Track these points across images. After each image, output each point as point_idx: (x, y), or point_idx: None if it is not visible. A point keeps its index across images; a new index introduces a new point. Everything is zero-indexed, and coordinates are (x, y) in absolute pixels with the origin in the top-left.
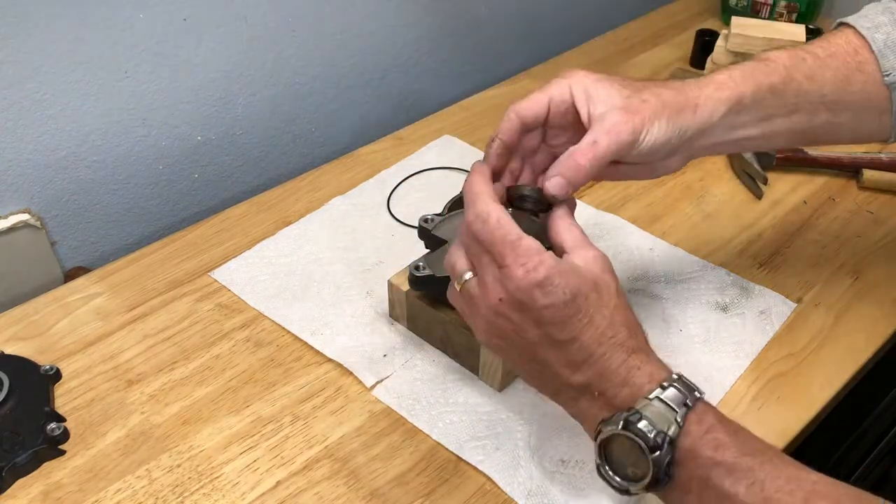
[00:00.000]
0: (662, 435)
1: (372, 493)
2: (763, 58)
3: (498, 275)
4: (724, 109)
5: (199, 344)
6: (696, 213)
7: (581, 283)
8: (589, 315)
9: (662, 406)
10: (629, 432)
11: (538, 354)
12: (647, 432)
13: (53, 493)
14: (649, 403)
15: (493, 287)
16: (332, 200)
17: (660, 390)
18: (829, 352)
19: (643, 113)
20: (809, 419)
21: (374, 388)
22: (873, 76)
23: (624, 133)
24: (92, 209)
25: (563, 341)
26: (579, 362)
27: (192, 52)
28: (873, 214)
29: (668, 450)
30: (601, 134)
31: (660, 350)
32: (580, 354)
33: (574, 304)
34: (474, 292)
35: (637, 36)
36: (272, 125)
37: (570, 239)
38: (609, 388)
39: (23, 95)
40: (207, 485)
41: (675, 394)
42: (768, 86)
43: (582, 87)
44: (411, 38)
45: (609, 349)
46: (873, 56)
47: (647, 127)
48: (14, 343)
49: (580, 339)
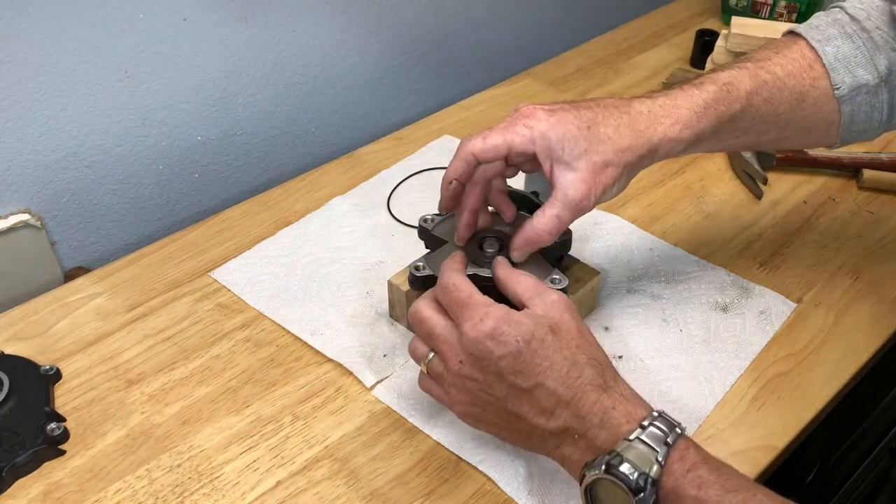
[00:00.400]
0: (644, 476)
1: (372, 493)
2: (726, 82)
3: (456, 337)
4: (681, 149)
5: (199, 344)
6: (696, 213)
7: (535, 328)
8: (549, 358)
9: (643, 446)
10: (611, 475)
11: (510, 408)
12: (628, 475)
13: (53, 493)
14: (630, 445)
15: (451, 352)
16: (332, 200)
17: (639, 430)
18: (829, 352)
19: (604, 179)
20: (809, 419)
21: (374, 388)
22: (825, 91)
23: (586, 206)
24: (92, 209)
25: (528, 389)
26: (550, 408)
27: (192, 52)
28: (873, 214)
29: (652, 491)
30: (563, 209)
31: (660, 350)
32: (549, 400)
33: (529, 349)
34: (439, 368)
35: (637, 36)
36: (272, 125)
37: (524, 290)
38: (588, 430)
39: (23, 95)
40: (207, 485)
41: (655, 433)
42: (728, 117)
43: (545, 143)
44: (411, 37)
45: (578, 391)
46: (825, 70)
47: (606, 189)
48: (14, 343)
49: (545, 385)
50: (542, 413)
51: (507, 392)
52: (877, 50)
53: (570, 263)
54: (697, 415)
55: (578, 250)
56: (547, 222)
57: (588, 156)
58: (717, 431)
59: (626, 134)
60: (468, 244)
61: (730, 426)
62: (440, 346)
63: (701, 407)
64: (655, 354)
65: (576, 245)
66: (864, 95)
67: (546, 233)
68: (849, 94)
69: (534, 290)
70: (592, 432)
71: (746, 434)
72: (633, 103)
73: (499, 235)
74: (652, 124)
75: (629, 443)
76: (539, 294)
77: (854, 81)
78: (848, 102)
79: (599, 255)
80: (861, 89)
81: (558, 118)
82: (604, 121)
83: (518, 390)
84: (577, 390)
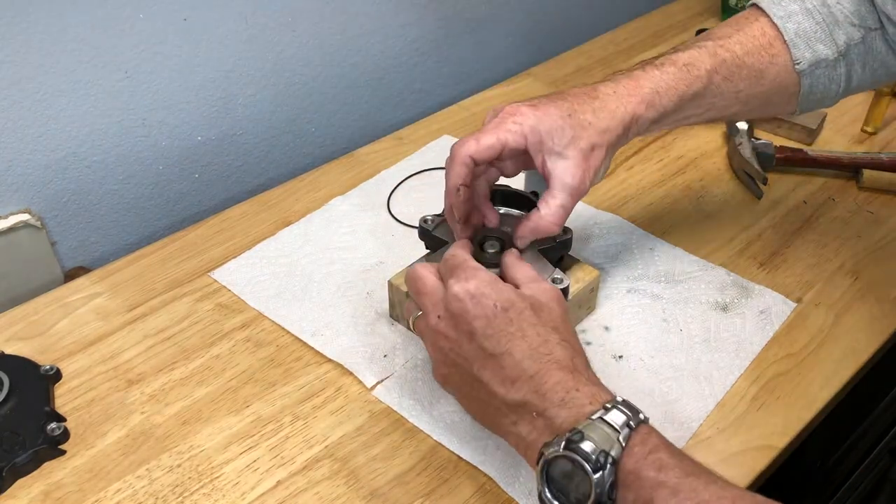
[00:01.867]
0: (605, 455)
1: (372, 493)
2: (686, 63)
3: (440, 295)
4: (647, 126)
5: (199, 344)
6: (696, 213)
7: (516, 300)
8: (521, 329)
9: (605, 426)
10: (571, 452)
11: (474, 372)
12: (589, 452)
13: (54, 493)
14: (591, 423)
15: (433, 308)
16: (332, 200)
17: (602, 411)
18: (829, 352)
19: (595, 162)
20: (809, 419)
21: (374, 389)
22: (785, 66)
23: (584, 190)
24: (92, 209)
25: (494, 354)
26: (514, 378)
27: (192, 52)
28: (873, 214)
29: (612, 470)
30: (566, 196)
31: (660, 350)
32: (514, 370)
33: (505, 316)
34: (422, 325)
35: (637, 36)
36: (272, 125)
37: (522, 275)
38: (548, 408)
39: (23, 95)
40: (207, 485)
41: (618, 415)
42: (691, 95)
43: (536, 137)
44: (411, 38)
45: (544, 366)
46: (785, 46)
47: (597, 172)
48: (14, 343)
49: (512, 354)
50: (504, 382)
51: (475, 354)
52: (836, 25)
53: (570, 263)
54: (697, 415)
55: (578, 250)
56: (553, 212)
57: (575, 143)
58: (717, 431)
59: (603, 116)
60: None
61: (730, 426)
62: (424, 301)
63: (701, 407)
64: (655, 354)
65: (576, 245)
66: (822, 69)
67: (552, 223)
68: (808, 68)
69: (531, 277)
70: (552, 410)
71: (746, 434)
72: (599, 87)
73: (499, 236)
74: (621, 104)
75: (591, 422)
76: (535, 280)
77: (814, 56)
78: (808, 76)
79: (599, 255)
80: (820, 63)
81: (543, 111)
82: (580, 108)
83: (485, 354)
84: (543, 366)
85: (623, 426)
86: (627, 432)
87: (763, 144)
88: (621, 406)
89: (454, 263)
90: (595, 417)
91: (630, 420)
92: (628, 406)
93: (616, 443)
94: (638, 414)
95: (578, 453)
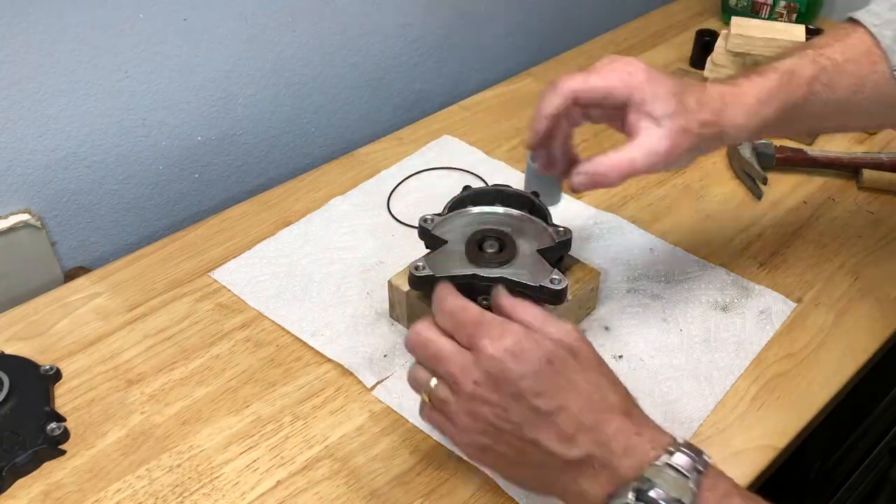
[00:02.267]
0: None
1: (372, 493)
2: (788, 70)
3: (469, 358)
4: (745, 136)
5: (199, 344)
6: (696, 213)
7: (555, 348)
8: (571, 380)
9: (674, 473)
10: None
11: (526, 435)
12: (661, 501)
13: (53, 493)
14: (659, 471)
15: (464, 374)
16: (332, 200)
17: (667, 456)
18: (829, 352)
19: (683, 144)
20: (809, 419)
21: (374, 389)
22: (884, 75)
23: (661, 163)
24: (92, 209)
25: (549, 412)
26: (572, 434)
27: (192, 52)
28: (873, 214)
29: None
30: (641, 155)
31: (660, 350)
32: (571, 425)
33: (551, 369)
34: (444, 395)
35: (637, 36)
36: (272, 125)
37: (534, 317)
38: (612, 459)
39: (23, 95)
40: (207, 485)
41: (684, 459)
42: (792, 104)
43: (640, 95)
44: (411, 38)
45: (601, 415)
46: (884, 53)
47: (681, 155)
48: (14, 343)
49: (567, 408)
50: (562, 440)
51: (525, 416)
52: None
53: (570, 263)
54: (697, 415)
55: (578, 250)
56: (620, 160)
57: (675, 118)
58: (717, 431)
59: (706, 111)
60: (468, 244)
61: (730, 426)
62: (450, 368)
63: (701, 407)
64: (655, 354)
65: (576, 245)
66: None
67: (614, 169)
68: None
69: (545, 316)
70: (616, 460)
71: (746, 434)
72: (708, 86)
73: (499, 236)
74: (724, 108)
75: (658, 469)
76: (551, 322)
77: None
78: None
79: (599, 255)
80: None
81: (655, 76)
82: (689, 93)
83: (537, 414)
84: (601, 415)
85: (691, 470)
86: (697, 477)
87: (763, 144)
88: (684, 448)
89: (472, 320)
90: (661, 463)
91: (696, 464)
92: (691, 448)
93: (688, 490)
94: (702, 455)
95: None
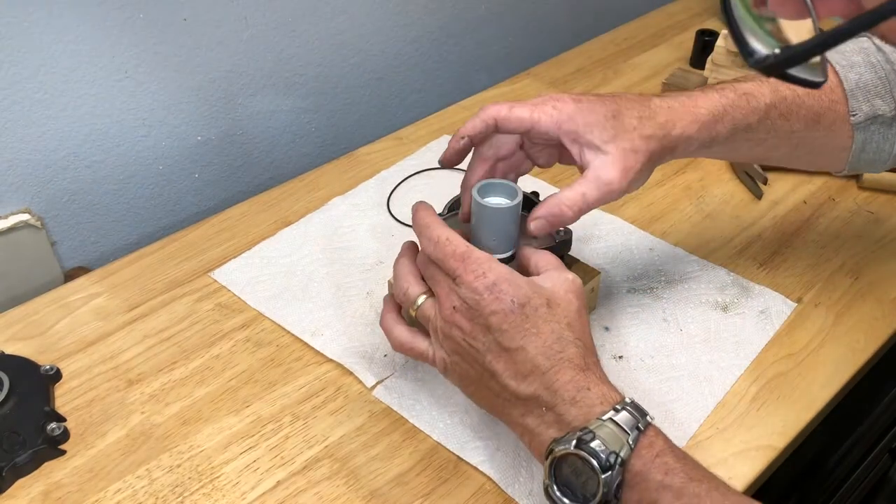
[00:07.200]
0: (614, 455)
1: (372, 493)
2: (746, 92)
3: (452, 285)
4: (694, 147)
5: (199, 344)
6: (696, 213)
7: (532, 295)
8: (536, 326)
9: (615, 427)
10: (582, 451)
11: (486, 364)
12: (599, 452)
13: (53, 493)
14: (602, 424)
15: (447, 298)
16: (332, 200)
17: (613, 412)
18: (829, 352)
19: (635, 165)
20: (809, 419)
21: (374, 389)
22: (841, 115)
23: (616, 190)
24: (92, 209)
25: (510, 349)
26: (526, 373)
27: (192, 52)
28: (873, 214)
29: (619, 471)
30: (591, 188)
31: (660, 350)
32: (526, 365)
33: (521, 313)
34: (429, 312)
35: (637, 36)
36: (272, 125)
37: (545, 262)
38: (558, 405)
39: (23, 95)
40: (207, 485)
41: (627, 417)
42: (745, 126)
43: (572, 127)
44: (411, 38)
45: (557, 363)
46: (844, 95)
47: (636, 177)
48: (14, 343)
49: (526, 349)
50: (516, 376)
51: (488, 346)
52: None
53: (570, 263)
54: (698, 415)
55: (578, 250)
56: (573, 197)
57: (617, 141)
58: (717, 431)
59: (649, 125)
60: None
61: (730, 426)
62: (438, 289)
63: (701, 407)
64: (655, 354)
65: (576, 245)
66: (878, 125)
67: (569, 208)
68: (864, 121)
69: (553, 264)
70: (563, 407)
71: (746, 434)
72: (653, 99)
73: None
74: (671, 119)
75: (601, 422)
76: (556, 268)
77: (871, 110)
78: (862, 130)
79: (599, 255)
80: (877, 119)
81: (585, 106)
82: (627, 111)
83: (500, 348)
84: (555, 363)
85: (632, 428)
86: (636, 434)
87: None
88: (630, 407)
89: (458, 253)
90: (605, 418)
91: (638, 422)
92: (636, 408)
93: (625, 444)
94: (645, 416)
95: (589, 452)
